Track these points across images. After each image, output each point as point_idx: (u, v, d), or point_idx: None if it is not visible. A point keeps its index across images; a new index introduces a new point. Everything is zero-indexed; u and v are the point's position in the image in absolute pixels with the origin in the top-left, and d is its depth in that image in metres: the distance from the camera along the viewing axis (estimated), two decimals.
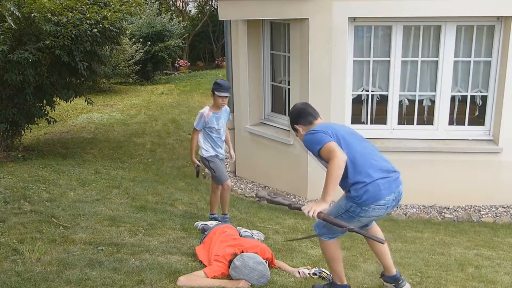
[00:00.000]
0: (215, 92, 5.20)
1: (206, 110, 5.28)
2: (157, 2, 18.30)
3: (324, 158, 3.23)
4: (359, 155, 3.28)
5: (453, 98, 7.20)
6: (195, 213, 6.02)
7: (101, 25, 7.62)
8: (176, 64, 20.06)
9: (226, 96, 5.21)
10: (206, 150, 5.35)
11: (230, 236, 4.21)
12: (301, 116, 3.53)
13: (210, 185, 5.77)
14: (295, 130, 3.59)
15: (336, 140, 3.25)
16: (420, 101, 7.24)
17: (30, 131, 9.05)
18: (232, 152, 5.80)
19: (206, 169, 6.17)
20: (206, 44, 21.86)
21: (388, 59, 7.07)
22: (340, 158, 3.11)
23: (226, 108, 5.40)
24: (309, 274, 3.98)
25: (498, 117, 6.96)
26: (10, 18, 4.77)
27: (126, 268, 3.74)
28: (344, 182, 3.28)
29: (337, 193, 3.34)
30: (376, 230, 3.69)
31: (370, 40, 7.07)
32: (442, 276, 4.21)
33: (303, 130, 3.52)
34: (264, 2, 6.93)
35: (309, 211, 3.26)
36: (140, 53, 15.78)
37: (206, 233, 4.44)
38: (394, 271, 3.67)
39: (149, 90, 15.57)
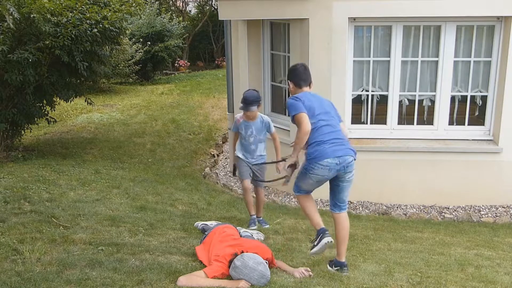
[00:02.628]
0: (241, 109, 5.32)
1: (239, 115, 5.44)
2: (157, 2, 18.30)
3: (295, 123, 4.00)
4: (320, 125, 3.97)
5: (453, 98, 7.20)
6: (195, 213, 6.02)
7: (101, 25, 7.61)
8: (176, 64, 20.06)
9: (251, 111, 5.23)
10: (238, 150, 5.54)
11: (230, 236, 4.21)
12: (296, 76, 4.16)
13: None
14: (288, 83, 4.27)
15: (309, 111, 3.94)
16: (420, 101, 7.25)
17: (30, 131, 9.04)
18: (278, 165, 5.16)
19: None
20: (206, 44, 21.85)
21: (388, 59, 7.07)
22: (304, 130, 3.90)
23: (262, 119, 5.40)
24: (309, 275, 3.98)
25: (498, 117, 6.96)
26: (10, 18, 4.77)
27: (126, 268, 3.74)
28: (307, 143, 4.01)
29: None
30: (344, 222, 4.25)
31: (370, 40, 7.07)
32: (442, 276, 4.20)
33: (293, 88, 4.19)
34: (264, 2, 6.93)
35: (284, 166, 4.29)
36: (140, 53, 15.78)
37: (206, 233, 4.44)
38: (344, 258, 4.18)
39: (149, 90, 15.57)
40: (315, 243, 4.08)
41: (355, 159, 4.07)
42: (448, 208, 7.16)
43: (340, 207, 4.21)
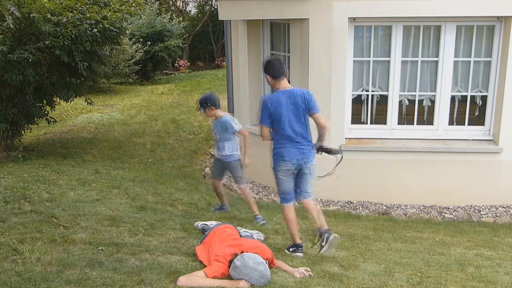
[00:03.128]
0: None
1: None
2: (157, 2, 18.30)
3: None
4: (283, 128, 4.46)
5: (453, 98, 7.20)
6: (195, 213, 6.02)
7: (101, 25, 7.62)
8: (176, 64, 20.06)
9: (204, 112, 5.60)
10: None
11: (230, 236, 4.21)
12: (273, 70, 4.51)
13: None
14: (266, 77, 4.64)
15: (275, 117, 4.45)
16: (420, 101, 7.25)
17: (30, 131, 9.04)
18: (243, 158, 5.83)
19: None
20: (206, 44, 21.85)
21: (388, 59, 7.07)
22: (262, 137, 4.63)
23: (223, 119, 5.65)
24: (309, 274, 3.98)
25: (498, 117, 6.96)
26: (10, 18, 4.76)
27: (126, 268, 3.74)
28: (272, 143, 4.62)
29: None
30: (310, 204, 4.73)
31: (370, 40, 7.07)
32: (442, 276, 4.20)
33: (271, 80, 4.55)
34: (264, 2, 6.93)
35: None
36: (140, 53, 15.78)
37: (206, 233, 4.44)
38: (325, 227, 4.61)
39: (149, 90, 15.57)
40: (290, 250, 4.63)
41: (315, 154, 4.67)
42: (448, 208, 7.16)
43: (304, 196, 4.71)
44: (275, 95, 4.50)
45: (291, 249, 4.65)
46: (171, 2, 22.40)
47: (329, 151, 4.70)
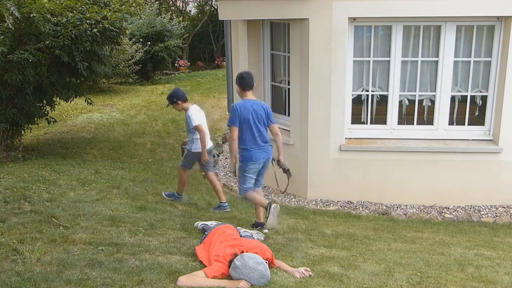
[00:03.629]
0: None
1: None
2: (157, 2, 18.31)
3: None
4: (249, 132, 5.28)
5: (453, 98, 7.20)
6: (195, 213, 6.03)
7: (101, 25, 7.62)
8: (176, 64, 20.06)
9: (173, 106, 6.19)
10: None
11: (230, 236, 4.21)
12: (243, 83, 5.35)
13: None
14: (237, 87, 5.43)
15: (244, 121, 5.24)
16: (420, 101, 7.25)
17: (30, 131, 9.04)
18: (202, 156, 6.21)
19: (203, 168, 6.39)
20: (206, 44, 21.86)
21: (388, 59, 7.07)
22: (231, 138, 5.31)
23: (187, 113, 6.11)
24: (309, 274, 3.98)
25: (498, 117, 6.96)
26: (10, 17, 4.76)
27: (126, 268, 3.75)
28: (239, 147, 5.36)
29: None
30: (261, 193, 5.71)
31: (370, 40, 7.07)
32: (442, 276, 4.21)
33: (240, 91, 5.36)
34: (264, 2, 6.93)
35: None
36: (140, 53, 15.78)
37: (206, 233, 4.45)
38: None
39: (149, 90, 15.57)
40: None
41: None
42: (448, 208, 7.17)
43: (258, 186, 5.58)
44: (244, 102, 5.31)
45: (259, 228, 5.41)
46: (171, 2, 22.41)
47: (284, 169, 5.49)
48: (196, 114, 6.08)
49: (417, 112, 7.26)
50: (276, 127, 5.42)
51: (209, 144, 6.29)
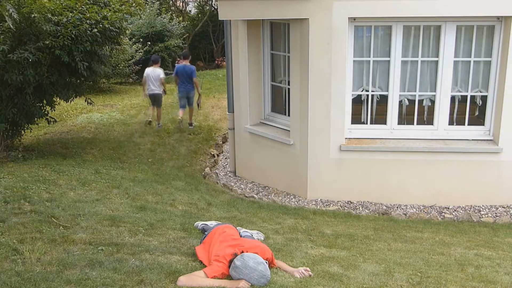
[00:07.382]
0: None
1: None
2: (157, 2, 18.30)
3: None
4: (181, 79, 10.87)
5: (453, 98, 7.20)
6: (195, 213, 6.02)
7: (101, 25, 7.62)
8: (176, 64, 20.03)
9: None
10: None
11: (230, 236, 4.21)
12: (185, 56, 10.73)
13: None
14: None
15: (180, 74, 10.79)
16: (420, 101, 7.25)
17: (30, 131, 9.04)
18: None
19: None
20: (206, 44, 21.86)
21: (388, 59, 7.08)
22: (176, 81, 11.12)
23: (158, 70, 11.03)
24: (309, 274, 3.98)
25: (498, 117, 6.96)
26: (10, 19, 4.76)
27: (126, 268, 3.75)
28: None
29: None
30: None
31: (370, 40, 7.07)
32: (442, 276, 4.21)
33: (181, 60, 7.24)
34: (264, 2, 6.93)
35: None
36: (140, 53, 15.78)
37: (206, 233, 4.44)
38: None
39: None
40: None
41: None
42: (448, 208, 7.17)
43: (185, 106, 9.61)
44: (180, 65, 10.69)
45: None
46: (171, 2, 22.40)
47: (198, 104, 11.13)
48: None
49: (417, 112, 7.26)
50: (196, 80, 10.69)
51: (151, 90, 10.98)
